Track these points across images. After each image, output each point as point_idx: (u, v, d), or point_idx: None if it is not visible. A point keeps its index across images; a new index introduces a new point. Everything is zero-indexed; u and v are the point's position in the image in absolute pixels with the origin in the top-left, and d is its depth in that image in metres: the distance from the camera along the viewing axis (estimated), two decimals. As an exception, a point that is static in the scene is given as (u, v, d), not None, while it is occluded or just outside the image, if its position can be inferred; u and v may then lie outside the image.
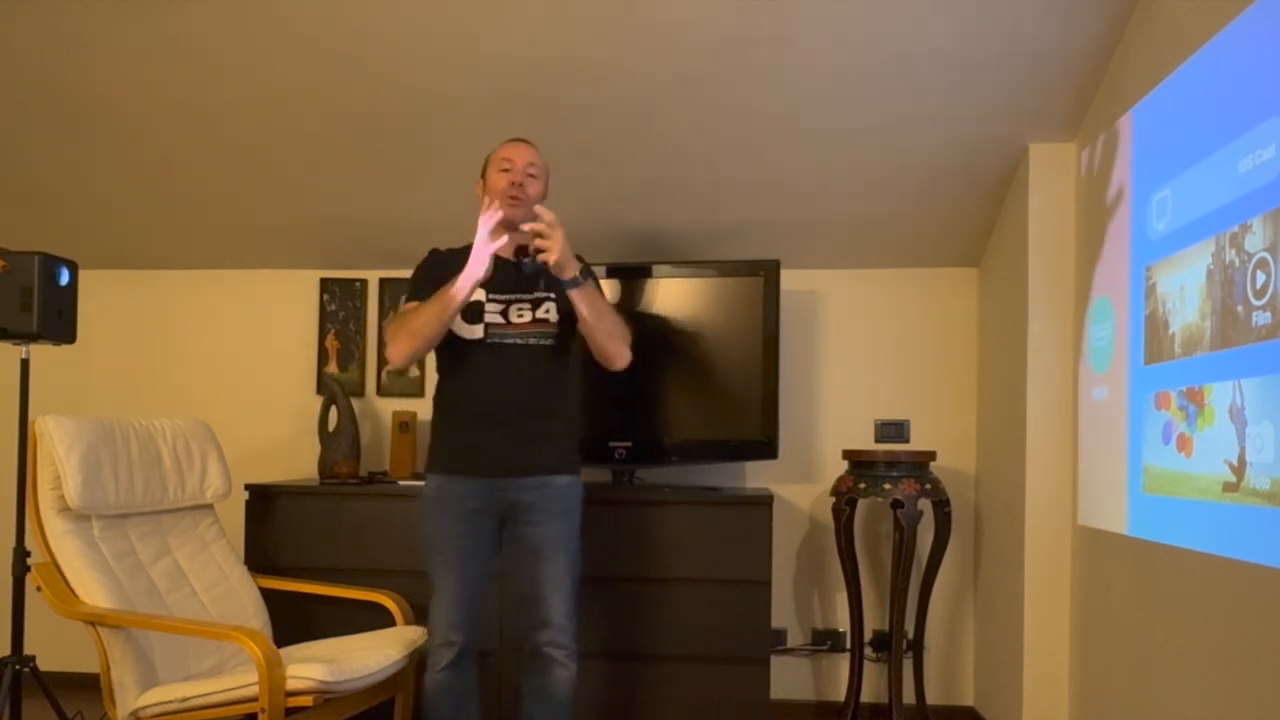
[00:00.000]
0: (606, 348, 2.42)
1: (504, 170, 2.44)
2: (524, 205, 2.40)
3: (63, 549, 2.51)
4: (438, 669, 2.40)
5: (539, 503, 2.41)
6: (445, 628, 2.39)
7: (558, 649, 2.39)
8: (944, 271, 3.52)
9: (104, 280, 3.75)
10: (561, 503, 2.44)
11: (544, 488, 2.42)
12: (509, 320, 2.44)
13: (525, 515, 2.41)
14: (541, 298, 2.46)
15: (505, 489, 2.41)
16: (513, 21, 2.62)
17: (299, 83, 2.87)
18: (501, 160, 2.45)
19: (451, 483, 2.43)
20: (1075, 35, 2.54)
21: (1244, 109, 1.94)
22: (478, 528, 2.42)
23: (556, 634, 2.39)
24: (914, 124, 2.88)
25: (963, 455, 3.48)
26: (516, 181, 2.42)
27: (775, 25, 2.57)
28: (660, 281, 3.27)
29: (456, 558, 2.40)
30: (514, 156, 2.45)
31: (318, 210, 3.44)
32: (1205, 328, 2.07)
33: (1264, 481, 1.83)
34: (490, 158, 2.50)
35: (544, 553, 2.40)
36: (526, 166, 2.44)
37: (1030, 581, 2.87)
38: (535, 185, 2.45)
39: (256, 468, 3.60)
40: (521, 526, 2.42)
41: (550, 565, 2.39)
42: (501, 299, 2.44)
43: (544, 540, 2.40)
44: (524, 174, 2.43)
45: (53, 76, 2.91)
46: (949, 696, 3.47)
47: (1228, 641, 1.96)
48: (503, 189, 2.41)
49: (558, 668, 2.39)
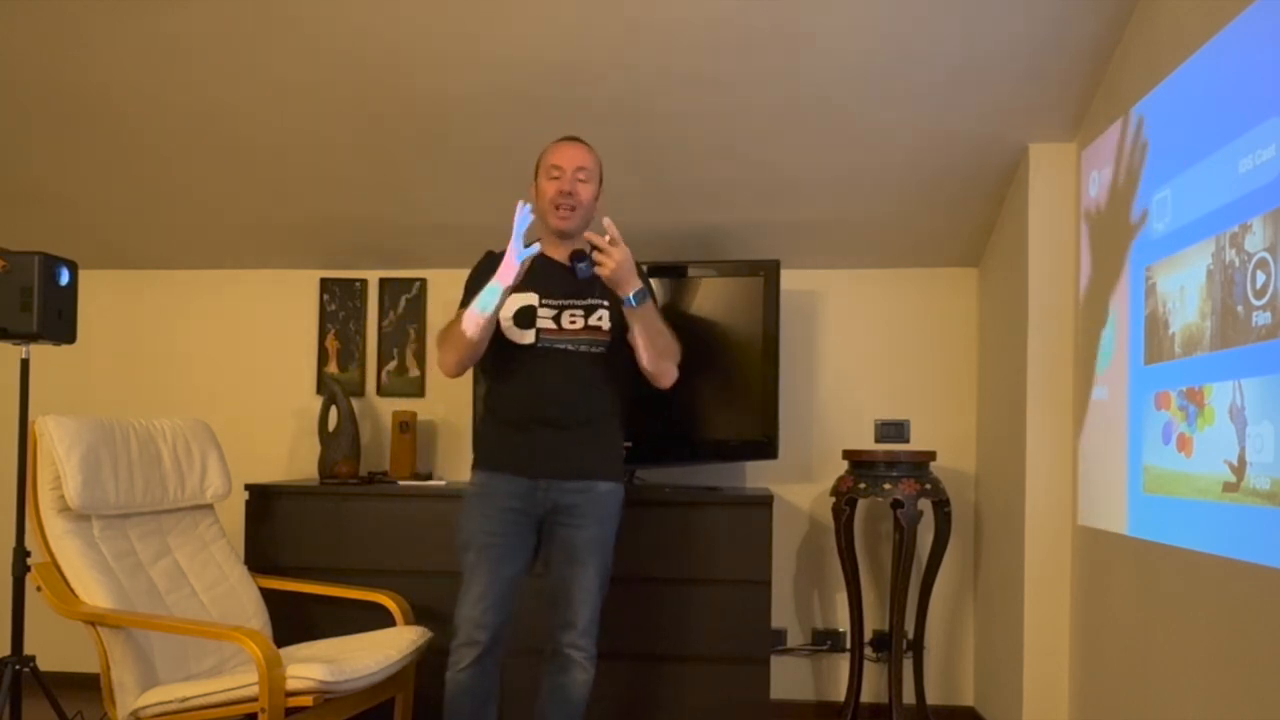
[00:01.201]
0: (656, 366, 2.42)
1: (553, 178, 2.40)
2: (577, 215, 2.40)
3: (63, 549, 2.51)
4: (459, 668, 2.37)
5: (581, 506, 2.41)
6: (471, 626, 2.37)
7: (579, 651, 2.40)
8: (944, 271, 3.52)
9: (104, 280, 3.75)
10: (603, 508, 2.43)
11: (587, 492, 2.41)
12: (561, 326, 2.41)
13: (565, 518, 2.41)
14: (595, 305, 2.43)
15: (549, 490, 2.40)
16: (513, 22, 2.62)
17: (299, 83, 2.87)
18: (550, 168, 2.41)
19: (496, 480, 2.41)
20: (1075, 35, 2.54)
21: (1244, 109, 1.94)
22: (516, 528, 2.40)
23: (580, 636, 2.40)
24: (914, 124, 2.88)
25: (963, 455, 3.48)
26: (565, 190, 2.38)
27: (775, 25, 2.57)
28: (660, 281, 3.27)
29: (491, 555, 2.37)
30: (563, 163, 2.40)
31: (318, 210, 3.44)
32: (1205, 328, 2.07)
33: (1264, 481, 1.83)
34: (540, 160, 2.46)
35: (579, 556, 2.40)
36: (576, 172, 2.40)
37: (1030, 581, 2.87)
38: (587, 190, 2.41)
39: (256, 468, 3.60)
40: (560, 528, 2.41)
41: (583, 569, 2.40)
42: (554, 304, 2.41)
43: (581, 544, 2.40)
44: (573, 180, 2.39)
45: (53, 76, 2.91)
46: (949, 696, 3.47)
47: (1228, 641, 1.96)
48: (551, 198, 2.39)
49: (577, 669, 2.41)
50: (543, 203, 2.41)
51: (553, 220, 2.41)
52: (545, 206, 2.41)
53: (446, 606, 2.92)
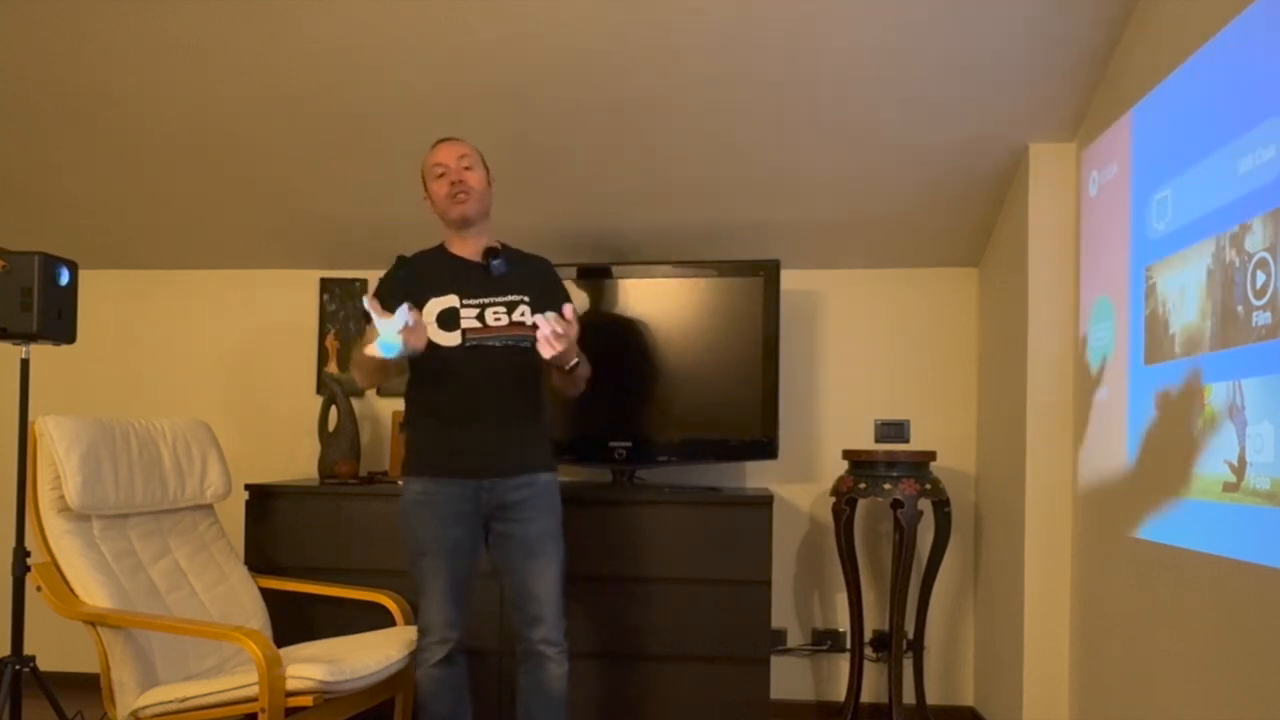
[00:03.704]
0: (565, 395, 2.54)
1: (440, 176, 2.47)
2: (473, 199, 2.45)
3: (63, 549, 2.51)
4: (431, 664, 2.43)
5: (527, 500, 2.44)
6: (442, 625, 2.42)
7: (551, 646, 2.44)
8: (944, 271, 3.52)
9: (104, 280, 3.75)
10: (548, 499, 2.48)
11: (531, 485, 2.46)
12: (486, 324, 2.45)
13: (514, 513, 2.44)
14: (516, 300, 2.47)
15: (493, 489, 2.43)
16: (513, 23, 2.62)
17: (299, 83, 2.87)
18: (434, 167, 2.48)
19: (438, 485, 2.43)
20: (1075, 35, 2.54)
21: (1244, 109, 1.94)
22: (466, 529, 2.44)
23: (550, 631, 2.43)
24: (914, 124, 2.88)
25: (963, 455, 3.48)
26: (455, 180, 2.45)
27: (774, 26, 2.57)
28: (660, 281, 3.27)
29: (449, 559, 2.42)
30: (444, 159, 2.47)
31: (318, 210, 3.44)
32: (1205, 328, 2.07)
33: (1264, 481, 1.83)
34: (424, 169, 2.53)
35: (535, 550, 2.44)
36: (459, 161, 2.46)
37: (1030, 581, 2.87)
38: (475, 175, 2.48)
39: (256, 468, 3.61)
40: (510, 524, 2.44)
41: (541, 563, 2.44)
42: (475, 303, 2.45)
43: (534, 537, 2.44)
44: (459, 171, 2.45)
45: (53, 77, 2.91)
46: (949, 696, 3.47)
47: (1228, 641, 1.96)
48: (445, 194, 2.45)
49: (552, 665, 2.44)
50: (440, 204, 2.48)
51: (453, 211, 2.46)
52: (443, 205, 2.47)
53: (446, 606, 2.94)
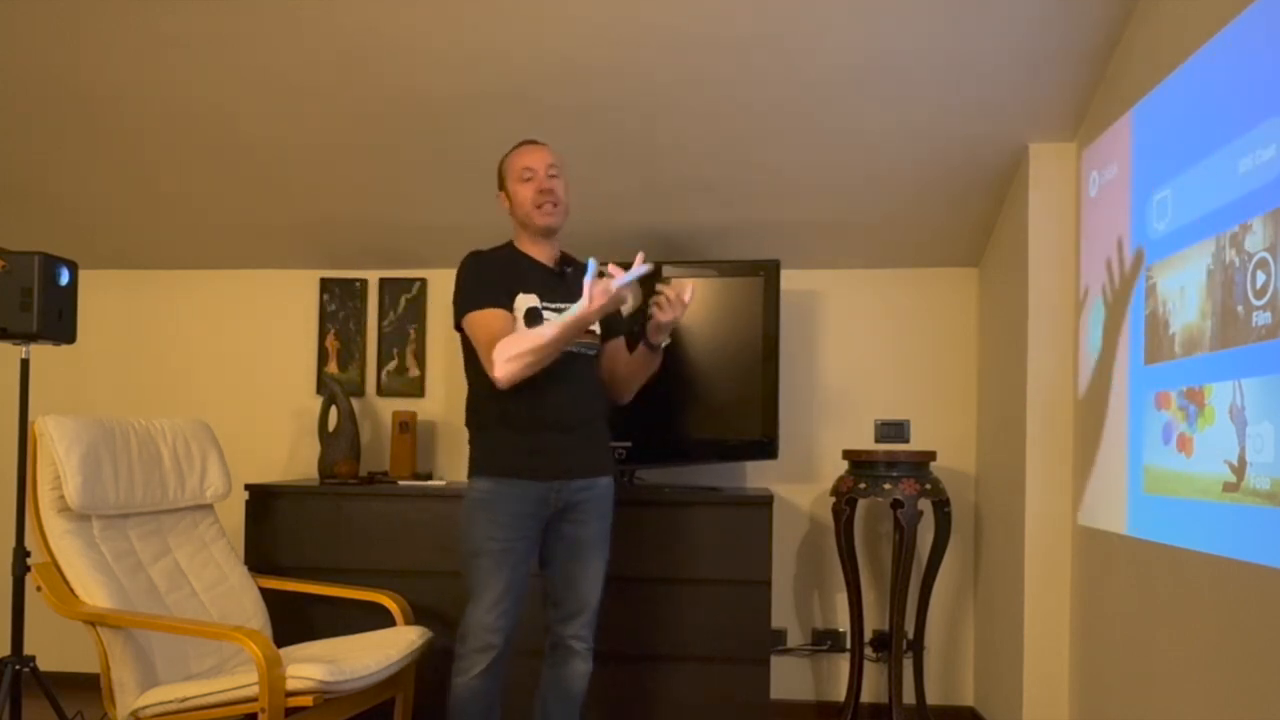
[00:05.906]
0: (625, 393, 2.56)
1: (526, 180, 2.42)
2: (560, 210, 2.44)
3: (63, 549, 2.51)
4: (471, 674, 2.35)
5: (586, 503, 2.45)
6: (485, 630, 2.35)
7: (581, 642, 2.46)
8: (944, 271, 3.52)
9: (104, 280, 3.75)
10: (604, 503, 2.49)
11: (591, 489, 2.45)
12: None
13: (574, 515, 2.44)
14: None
15: (561, 491, 2.41)
16: (513, 23, 2.62)
17: (299, 83, 2.87)
18: (521, 170, 2.43)
19: (508, 486, 2.38)
20: (1075, 35, 2.54)
21: (1244, 109, 1.94)
22: (527, 531, 2.40)
23: (583, 628, 2.46)
24: (914, 124, 2.88)
25: (963, 455, 3.48)
26: (544, 189, 2.41)
27: (775, 26, 2.57)
28: (661, 281, 3.27)
29: (506, 560, 2.36)
30: (533, 164, 2.43)
31: (318, 210, 3.44)
32: (1205, 328, 2.07)
33: (1264, 481, 1.83)
34: (506, 167, 2.48)
35: (584, 553, 2.45)
36: (548, 170, 2.43)
37: (1030, 581, 2.87)
38: (562, 185, 2.45)
39: (256, 468, 3.61)
40: (568, 525, 2.44)
41: (589, 565, 2.45)
42: (554, 307, 2.41)
43: (586, 540, 2.45)
44: (547, 180, 2.42)
45: (53, 76, 2.91)
46: (949, 696, 3.47)
47: (1228, 641, 1.96)
48: (532, 199, 2.41)
49: (579, 660, 2.46)
50: (522, 207, 2.44)
51: (539, 219, 2.43)
52: (526, 209, 2.43)
53: (446, 606, 2.94)
